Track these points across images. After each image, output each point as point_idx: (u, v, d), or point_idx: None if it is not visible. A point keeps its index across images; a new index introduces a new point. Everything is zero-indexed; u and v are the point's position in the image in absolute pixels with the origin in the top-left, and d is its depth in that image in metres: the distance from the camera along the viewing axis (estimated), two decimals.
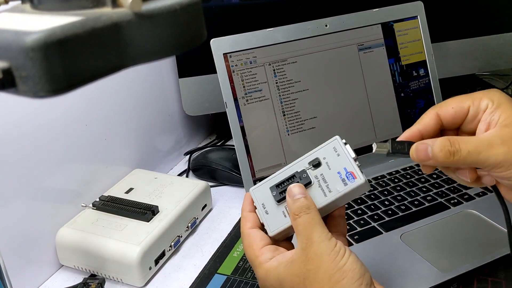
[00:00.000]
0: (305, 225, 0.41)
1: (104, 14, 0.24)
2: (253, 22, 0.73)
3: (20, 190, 0.58)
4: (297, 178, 0.45)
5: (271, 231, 0.45)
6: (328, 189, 0.44)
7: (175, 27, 0.26)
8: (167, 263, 0.63)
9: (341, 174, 0.44)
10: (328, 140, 0.45)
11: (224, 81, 0.67)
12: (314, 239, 0.41)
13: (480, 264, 0.55)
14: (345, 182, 0.44)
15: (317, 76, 0.72)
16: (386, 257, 0.57)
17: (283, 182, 0.45)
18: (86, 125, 0.66)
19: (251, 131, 0.68)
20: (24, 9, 0.28)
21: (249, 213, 0.46)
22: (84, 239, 0.60)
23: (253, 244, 0.44)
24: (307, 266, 0.40)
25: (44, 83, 0.22)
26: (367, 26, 0.75)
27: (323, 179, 0.45)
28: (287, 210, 0.44)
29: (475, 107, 0.44)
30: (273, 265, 0.42)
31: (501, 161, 0.40)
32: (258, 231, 0.45)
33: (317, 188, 0.44)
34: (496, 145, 0.40)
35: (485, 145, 0.40)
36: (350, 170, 0.44)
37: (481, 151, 0.40)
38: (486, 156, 0.40)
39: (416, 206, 0.66)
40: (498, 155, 0.40)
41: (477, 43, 0.93)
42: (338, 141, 0.45)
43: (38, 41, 0.22)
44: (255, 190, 0.46)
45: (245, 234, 0.45)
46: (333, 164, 0.44)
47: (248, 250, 0.45)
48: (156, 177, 0.72)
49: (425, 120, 0.45)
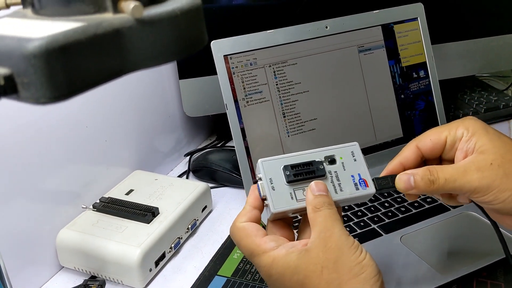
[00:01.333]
0: (326, 218, 0.42)
1: (105, 20, 0.24)
2: (254, 24, 0.73)
3: (21, 191, 0.58)
4: (313, 167, 0.45)
5: (275, 208, 0.44)
6: (340, 187, 0.45)
7: (176, 33, 0.26)
8: (167, 264, 0.63)
9: (354, 178, 0.46)
10: (347, 143, 0.47)
11: (225, 82, 0.67)
12: (335, 230, 0.41)
13: (479, 266, 0.55)
14: (357, 187, 0.45)
15: (317, 78, 0.72)
16: (386, 259, 0.58)
17: (299, 165, 0.45)
18: (86, 126, 0.66)
19: (251, 132, 0.68)
20: (26, 14, 0.28)
21: (253, 209, 0.45)
22: (85, 240, 0.60)
23: (251, 234, 0.44)
24: (326, 255, 0.40)
25: (45, 89, 0.22)
26: (367, 27, 0.75)
27: (337, 177, 0.45)
28: (295, 193, 0.44)
29: (452, 136, 0.46)
30: (282, 252, 0.42)
31: (477, 187, 0.42)
32: (255, 224, 0.45)
33: (329, 183, 0.45)
34: (471, 172, 0.43)
35: (460, 172, 0.43)
36: (364, 178, 0.46)
37: (456, 178, 0.43)
38: (462, 183, 0.43)
39: (416, 208, 0.66)
40: (473, 181, 0.42)
41: (477, 45, 0.93)
42: (357, 147, 0.47)
43: (40, 48, 0.22)
44: (265, 162, 0.45)
45: (240, 226, 0.45)
46: (349, 166, 0.46)
47: (245, 241, 0.44)
48: (156, 179, 0.72)
49: (406, 153, 0.48)
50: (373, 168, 0.75)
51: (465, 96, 0.96)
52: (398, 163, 0.48)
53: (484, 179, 0.42)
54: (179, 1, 0.27)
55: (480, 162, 0.43)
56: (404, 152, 0.48)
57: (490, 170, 0.42)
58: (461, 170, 0.43)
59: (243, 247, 0.45)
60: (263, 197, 0.45)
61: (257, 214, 0.46)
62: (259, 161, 0.45)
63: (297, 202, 0.44)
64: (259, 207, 0.46)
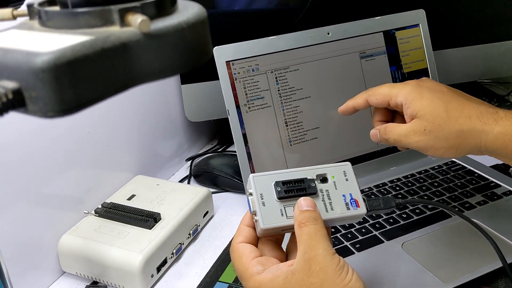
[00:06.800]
0: (311, 235, 0.41)
1: (112, 34, 0.25)
2: (256, 30, 0.73)
3: (23, 196, 0.58)
4: (305, 184, 0.45)
5: (264, 224, 0.43)
6: (331, 206, 0.45)
7: (182, 46, 0.26)
8: (168, 270, 0.63)
9: (346, 197, 0.46)
10: (340, 163, 0.48)
11: (227, 88, 0.67)
12: (318, 251, 0.40)
13: (481, 274, 0.55)
14: (348, 207, 0.45)
15: (319, 84, 0.72)
16: (388, 266, 0.58)
17: (290, 182, 0.45)
18: (89, 132, 0.66)
19: (253, 138, 0.68)
20: (33, 26, 0.28)
21: (246, 227, 0.45)
22: (86, 246, 0.60)
23: (242, 256, 0.44)
24: (310, 279, 0.40)
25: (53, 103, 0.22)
26: (369, 34, 0.75)
27: (328, 195, 0.45)
28: (285, 210, 0.44)
29: (393, 102, 0.54)
30: (267, 277, 0.41)
31: (417, 147, 0.52)
32: (249, 245, 0.45)
33: (320, 202, 0.45)
34: (410, 136, 0.52)
35: (403, 135, 0.52)
36: (355, 198, 0.46)
37: (401, 139, 0.53)
38: (406, 144, 0.53)
39: (418, 215, 0.66)
40: (413, 143, 0.52)
41: (479, 51, 0.93)
42: (350, 167, 0.48)
43: (48, 63, 0.22)
44: (256, 178, 0.45)
45: (234, 247, 0.45)
46: (340, 185, 0.46)
47: (237, 263, 0.44)
48: (158, 184, 0.72)
49: (358, 100, 0.57)
50: (374, 174, 0.75)
51: None
52: (351, 107, 0.58)
53: (420, 142, 0.51)
54: (185, 14, 0.27)
55: (416, 128, 0.51)
56: (357, 100, 0.57)
57: (424, 135, 0.51)
58: (403, 134, 0.52)
59: (236, 269, 0.45)
60: (252, 212, 0.44)
61: (252, 233, 0.45)
62: (250, 176, 0.45)
63: (287, 219, 0.44)
64: (253, 225, 0.46)
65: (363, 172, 0.75)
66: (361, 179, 0.74)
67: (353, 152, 0.74)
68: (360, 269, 0.57)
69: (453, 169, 0.77)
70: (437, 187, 0.72)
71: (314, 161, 0.71)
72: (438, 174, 0.75)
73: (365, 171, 0.75)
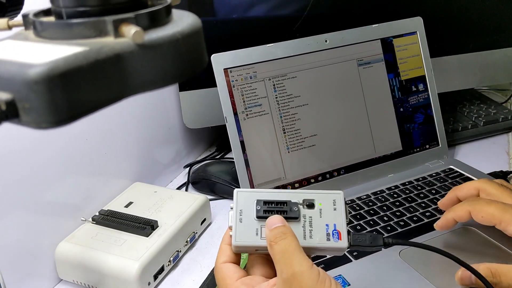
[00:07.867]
0: (283, 253, 0.39)
1: (106, 45, 0.25)
2: (254, 38, 0.74)
3: (20, 203, 0.58)
4: (287, 207, 0.43)
5: (236, 241, 0.42)
6: (310, 234, 0.43)
7: (177, 57, 0.26)
8: (166, 278, 0.63)
9: (329, 228, 0.43)
10: (332, 191, 0.45)
11: (225, 95, 0.67)
12: (295, 269, 0.39)
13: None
14: (328, 238, 0.43)
15: (317, 91, 0.72)
16: (385, 274, 0.57)
17: (272, 202, 0.43)
18: (86, 139, 0.66)
19: (250, 145, 0.68)
20: (27, 37, 0.28)
21: (227, 245, 0.44)
22: (84, 253, 0.60)
23: (226, 278, 0.43)
24: None
25: (47, 115, 0.22)
26: (367, 41, 0.75)
27: (310, 222, 0.43)
28: (261, 230, 0.42)
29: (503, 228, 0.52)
30: None
31: None
32: (232, 264, 0.44)
33: (300, 227, 0.43)
34: None
35: None
36: (339, 229, 0.43)
37: None
38: None
39: (415, 222, 0.66)
40: None
41: (476, 58, 0.94)
42: (341, 196, 0.45)
43: (41, 75, 0.22)
44: (240, 193, 0.44)
45: (218, 268, 0.44)
46: (326, 214, 0.43)
47: (221, 284, 0.43)
48: (155, 191, 0.72)
49: (460, 214, 0.54)
50: (372, 181, 0.75)
51: (464, 109, 0.97)
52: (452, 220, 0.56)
53: None
54: (180, 25, 0.27)
55: None
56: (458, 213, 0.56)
57: None
58: None
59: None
60: (229, 227, 0.43)
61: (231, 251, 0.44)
62: (235, 190, 0.44)
63: (260, 239, 0.42)
64: None
65: (360, 179, 0.75)
66: (359, 186, 0.74)
67: (350, 159, 0.74)
68: (358, 277, 0.57)
69: (450, 176, 0.76)
70: (435, 194, 0.72)
71: (311, 168, 0.71)
72: (436, 181, 0.75)
73: (363, 178, 0.75)
